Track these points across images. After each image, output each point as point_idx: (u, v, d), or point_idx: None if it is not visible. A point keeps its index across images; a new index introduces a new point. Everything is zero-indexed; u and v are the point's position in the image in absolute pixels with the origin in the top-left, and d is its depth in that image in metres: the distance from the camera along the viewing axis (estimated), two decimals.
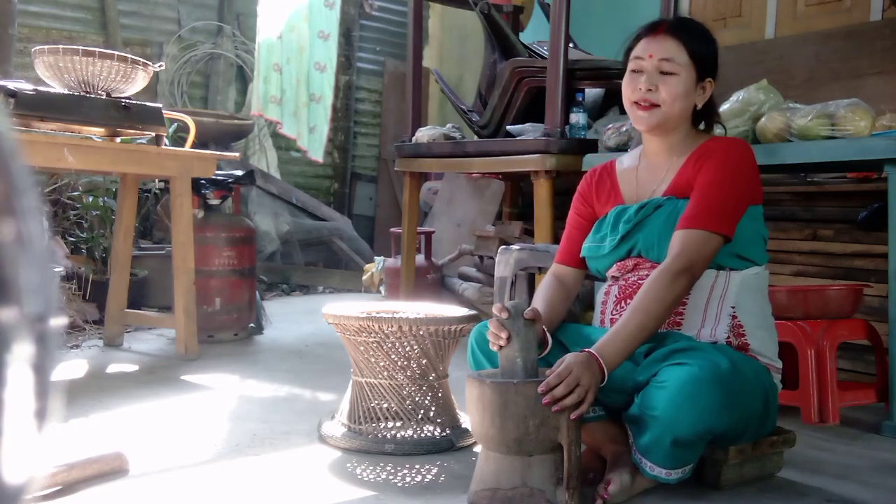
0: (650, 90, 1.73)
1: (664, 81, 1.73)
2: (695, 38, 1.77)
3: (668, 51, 1.74)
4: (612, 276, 1.83)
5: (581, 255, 1.88)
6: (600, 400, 1.72)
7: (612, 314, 1.80)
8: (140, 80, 2.89)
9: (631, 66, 1.78)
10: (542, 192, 3.17)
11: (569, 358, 1.54)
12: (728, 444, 1.70)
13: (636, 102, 1.76)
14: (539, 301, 1.82)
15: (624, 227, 1.77)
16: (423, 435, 2.01)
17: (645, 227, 1.75)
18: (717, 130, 1.97)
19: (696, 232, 1.64)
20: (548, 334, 1.73)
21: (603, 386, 1.65)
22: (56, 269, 2.79)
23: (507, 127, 3.53)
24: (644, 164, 1.86)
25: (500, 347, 1.58)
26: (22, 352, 0.33)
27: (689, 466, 1.62)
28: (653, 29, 1.78)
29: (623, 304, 1.77)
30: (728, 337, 1.71)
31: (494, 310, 1.60)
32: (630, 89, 1.77)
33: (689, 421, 1.53)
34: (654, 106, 1.74)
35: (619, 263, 1.79)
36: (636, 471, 1.64)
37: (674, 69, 1.73)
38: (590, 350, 1.57)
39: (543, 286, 1.89)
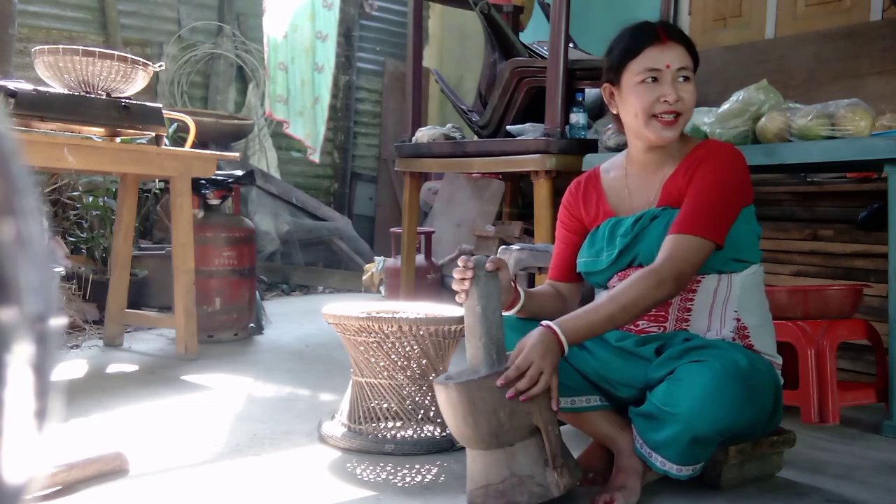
0: (678, 100, 1.70)
1: (684, 89, 1.71)
2: (692, 43, 1.78)
3: (683, 58, 1.72)
4: (612, 285, 1.82)
5: (577, 271, 1.87)
6: (606, 391, 1.73)
7: None
8: (140, 80, 2.89)
9: (642, 77, 1.71)
10: (542, 192, 3.17)
11: (527, 344, 1.54)
12: (741, 441, 1.70)
13: (657, 115, 1.71)
14: (531, 290, 1.83)
15: (622, 242, 1.75)
16: (423, 435, 2.01)
17: (643, 238, 1.74)
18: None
19: (688, 238, 1.63)
20: (520, 290, 1.74)
21: (611, 379, 1.65)
22: (56, 269, 2.79)
23: (507, 127, 3.53)
24: (634, 173, 1.84)
25: (465, 296, 1.59)
26: (22, 352, 0.33)
27: (700, 464, 1.63)
28: (656, 37, 1.73)
29: None
30: (733, 338, 1.71)
31: (458, 262, 1.61)
32: (647, 101, 1.70)
33: (712, 418, 1.53)
34: (678, 117, 1.72)
35: (619, 274, 1.78)
36: (645, 465, 1.64)
37: (689, 75, 1.73)
38: (550, 324, 1.57)
39: (539, 288, 1.90)
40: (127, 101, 2.84)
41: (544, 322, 1.58)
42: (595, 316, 1.59)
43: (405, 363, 2.02)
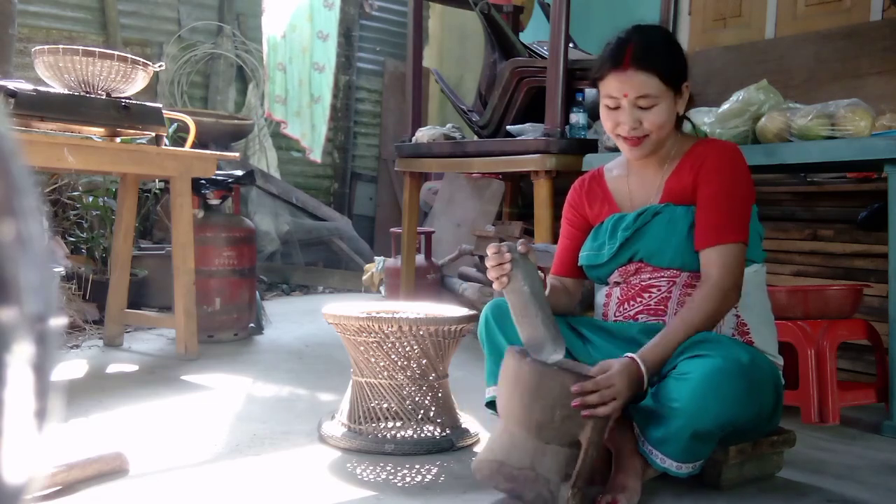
0: (634, 128, 1.71)
1: (645, 116, 1.71)
2: (662, 60, 1.70)
3: (642, 87, 1.69)
4: (614, 281, 1.83)
5: (579, 265, 1.88)
6: None
7: (615, 316, 1.81)
8: (140, 80, 2.89)
9: (605, 102, 1.74)
10: (542, 192, 3.17)
11: (615, 368, 1.54)
12: (740, 440, 1.70)
13: (620, 136, 1.75)
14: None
15: (623, 235, 1.77)
16: (423, 435, 2.01)
17: (645, 234, 1.75)
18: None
19: (729, 246, 1.66)
20: (543, 274, 1.74)
21: None
22: (56, 269, 2.79)
23: (507, 127, 3.53)
24: (635, 172, 1.86)
25: (507, 280, 1.57)
26: (22, 352, 0.33)
27: (699, 462, 1.63)
28: (618, 62, 1.70)
29: (626, 305, 1.78)
30: (733, 334, 1.72)
31: (489, 249, 1.60)
32: (611, 124, 1.75)
33: (713, 412, 1.54)
34: (643, 137, 1.73)
35: (620, 269, 1.80)
36: (646, 464, 1.64)
37: (652, 102, 1.70)
38: (634, 357, 1.57)
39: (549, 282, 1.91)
40: (127, 101, 2.84)
41: (629, 354, 1.58)
42: (673, 341, 1.60)
43: (405, 363, 2.02)
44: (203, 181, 3.39)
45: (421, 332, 1.97)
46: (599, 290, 1.89)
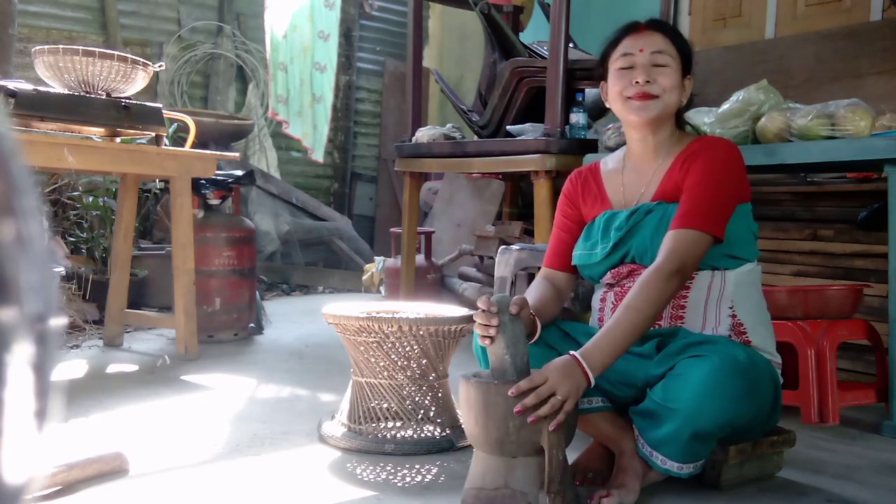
0: (648, 82, 1.72)
1: (659, 72, 1.74)
2: (676, 34, 1.81)
3: (658, 44, 1.75)
4: (608, 284, 1.82)
5: (573, 263, 1.87)
6: (608, 392, 1.72)
7: None
8: (140, 80, 2.89)
9: (619, 63, 1.76)
10: (542, 192, 3.17)
11: (549, 364, 1.52)
12: (741, 438, 1.70)
13: (631, 97, 1.74)
14: (528, 296, 1.80)
15: (616, 235, 1.76)
16: (423, 435, 2.01)
17: (637, 232, 1.74)
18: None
19: (687, 231, 1.63)
20: (537, 320, 1.71)
21: (612, 379, 1.65)
22: (56, 269, 2.79)
23: (507, 127, 3.53)
24: (630, 167, 1.85)
25: (490, 341, 1.56)
26: (22, 352, 0.33)
27: (700, 462, 1.62)
28: (634, 27, 1.79)
29: None
30: (730, 335, 1.71)
31: (480, 303, 1.56)
32: (622, 85, 1.75)
33: (712, 412, 1.53)
34: (653, 97, 1.73)
35: (613, 270, 1.78)
36: (646, 467, 1.64)
37: (666, 61, 1.74)
38: (574, 354, 1.53)
39: (533, 285, 1.88)
40: (127, 101, 2.83)
41: (571, 352, 1.55)
42: (617, 331, 1.56)
43: (405, 363, 2.02)
44: (203, 181, 3.39)
45: (421, 332, 1.97)
46: (595, 294, 1.88)
